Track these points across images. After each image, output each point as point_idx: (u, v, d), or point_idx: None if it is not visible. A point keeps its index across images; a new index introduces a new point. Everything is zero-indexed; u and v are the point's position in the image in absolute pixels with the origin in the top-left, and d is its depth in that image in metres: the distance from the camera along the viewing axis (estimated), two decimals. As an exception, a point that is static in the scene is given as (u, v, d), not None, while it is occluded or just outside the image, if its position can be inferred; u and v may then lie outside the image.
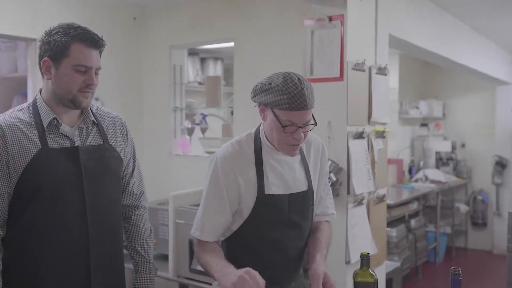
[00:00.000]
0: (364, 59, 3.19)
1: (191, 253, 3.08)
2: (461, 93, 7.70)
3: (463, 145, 7.65)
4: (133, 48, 4.30)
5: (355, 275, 1.81)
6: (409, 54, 5.91)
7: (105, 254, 1.93)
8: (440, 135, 7.66)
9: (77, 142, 1.87)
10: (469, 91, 7.63)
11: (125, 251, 2.11)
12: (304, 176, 2.01)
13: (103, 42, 1.85)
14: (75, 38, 1.77)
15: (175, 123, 4.27)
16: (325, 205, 2.14)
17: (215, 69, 5.88)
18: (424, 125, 7.60)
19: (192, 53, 5.58)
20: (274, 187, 1.92)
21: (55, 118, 1.83)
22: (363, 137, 3.25)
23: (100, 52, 1.86)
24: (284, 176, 1.95)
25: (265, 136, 1.94)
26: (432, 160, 7.23)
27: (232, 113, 6.23)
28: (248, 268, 1.72)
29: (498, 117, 7.26)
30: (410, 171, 6.98)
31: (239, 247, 1.98)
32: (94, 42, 1.81)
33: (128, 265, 2.13)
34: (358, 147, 3.20)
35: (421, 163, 6.86)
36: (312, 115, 1.86)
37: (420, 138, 7.49)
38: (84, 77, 1.80)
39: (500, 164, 7.06)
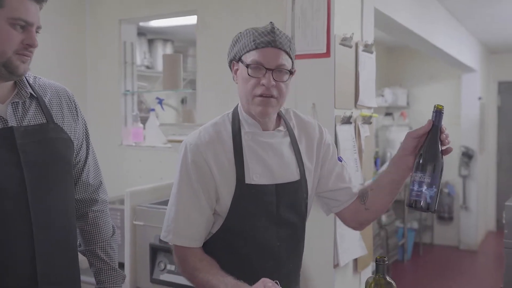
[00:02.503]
0: (352, 33, 2.79)
1: (153, 260, 2.68)
2: (426, 81, 7.54)
3: (427, 136, 7.41)
4: (75, 21, 3.72)
5: (368, 284, 1.54)
6: (379, 37, 5.63)
7: (55, 263, 1.57)
8: (405, 124, 7.46)
9: (12, 122, 1.50)
10: (433, 79, 7.47)
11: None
12: (295, 163, 1.69)
13: None
14: None
15: (126, 109, 3.73)
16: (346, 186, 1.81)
17: (164, 52, 5.42)
18: (388, 114, 7.36)
19: (139, 33, 5.05)
20: (256, 176, 1.61)
21: None
22: (351, 122, 2.86)
23: (40, 9, 1.52)
24: (269, 163, 1.64)
25: (242, 109, 1.65)
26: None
27: (182, 101, 5.82)
28: (263, 279, 1.44)
29: (464, 106, 7.07)
30: (375, 163, 6.67)
31: (221, 251, 1.65)
32: None
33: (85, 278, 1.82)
34: (345, 134, 2.82)
35: (388, 154, 6.60)
36: (292, 64, 1.60)
37: (383, 128, 7.24)
38: (23, 36, 1.46)
39: (467, 155, 6.88)
